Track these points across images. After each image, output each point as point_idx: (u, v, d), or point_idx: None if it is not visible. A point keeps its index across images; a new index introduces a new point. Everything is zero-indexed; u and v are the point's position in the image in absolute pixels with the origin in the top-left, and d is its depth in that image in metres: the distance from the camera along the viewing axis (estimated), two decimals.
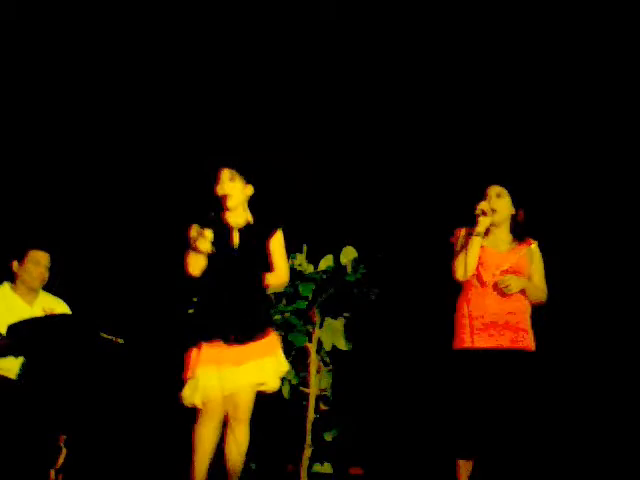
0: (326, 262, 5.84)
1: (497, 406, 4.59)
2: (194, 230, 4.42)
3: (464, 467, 4.67)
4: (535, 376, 4.71)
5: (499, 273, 4.75)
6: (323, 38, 6.35)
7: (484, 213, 4.74)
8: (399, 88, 6.42)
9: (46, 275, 5.35)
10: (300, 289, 5.71)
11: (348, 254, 5.83)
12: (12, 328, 4.88)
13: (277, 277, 4.62)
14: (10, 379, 4.99)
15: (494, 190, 4.81)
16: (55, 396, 4.88)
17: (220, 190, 4.51)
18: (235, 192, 4.53)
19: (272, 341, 4.56)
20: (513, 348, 4.70)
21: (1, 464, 4.74)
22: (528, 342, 4.75)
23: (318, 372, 5.84)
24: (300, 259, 5.78)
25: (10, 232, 5.89)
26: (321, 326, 5.81)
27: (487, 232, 4.80)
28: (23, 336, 4.91)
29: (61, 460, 4.94)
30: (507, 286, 4.69)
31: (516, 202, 4.83)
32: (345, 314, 5.84)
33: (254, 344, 4.46)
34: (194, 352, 4.45)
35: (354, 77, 6.46)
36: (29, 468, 4.81)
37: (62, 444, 4.95)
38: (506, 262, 4.77)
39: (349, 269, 5.80)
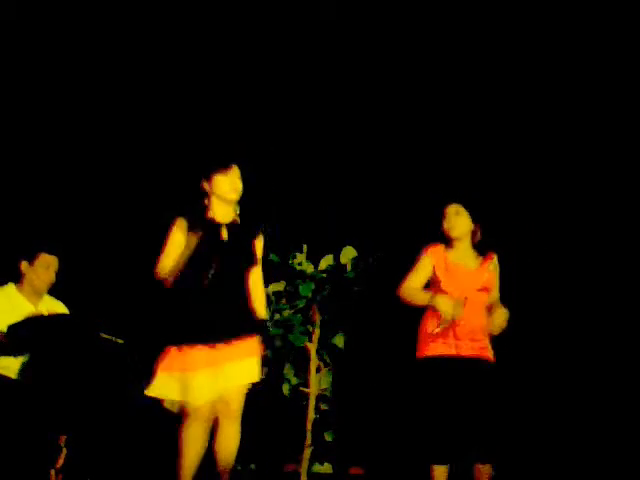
0: (326, 262, 5.84)
1: (464, 412, 4.65)
2: None
3: (439, 472, 4.69)
4: (497, 384, 4.78)
5: (471, 291, 4.82)
6: (323, 38, 6.37)
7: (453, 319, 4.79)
8: (399, 88, 6.44)
9: (54, 279, 5.33)
10: (300, 289, 5.71)
11: (348, 254, 5.83)
12: (12, 328, 4.88)
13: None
14: (10, 378, 4.99)
15: (452, 209, 4.91)
16: (55, 396, 4.88)
17: (237, 185, 4.47)
18: (240, 190, 4.52)
19: (256, 344, 4.45)
20: (476, 357, 4.76)
21: (1, 464, 4.73)
22: (489, 353, 4.83)
23: (318, 372, 5.84)
24: (300, 258, 5.78)
25: (11, 233, 5.90)
26: (321, 325, 5.81)
27: (451, 246, 4.91)
28: (23, 336, 4.91)
29: (61, 460, 4.94)
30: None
31: (474, 218, 4.92)
32: (345, 313, 5.84)
33: (242, 342, 4.35)
34: (172, 353, 4.32)
35: (354, 78, 6.47)
36: (29, 468, 4.81)
37: (62, 444, 4.95)
38: (478, 280, 4.86)
39: (349, 268, 5.80)
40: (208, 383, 4.28)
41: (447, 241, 4.92)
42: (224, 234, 4.47)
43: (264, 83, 6.42)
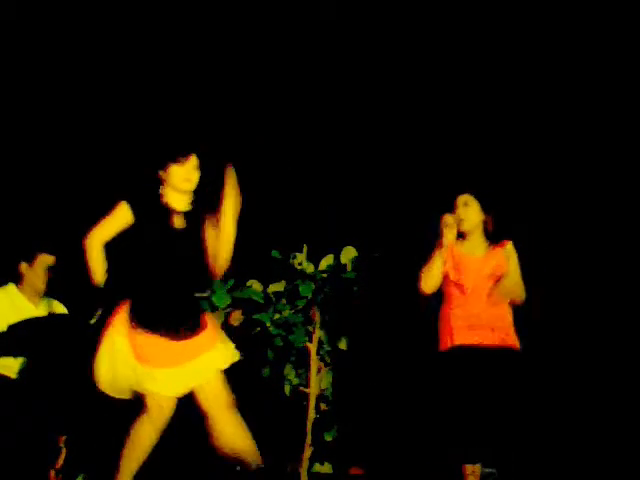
0: (326, 262, 5.84)
1: (488, 403, 4.61)
2: None
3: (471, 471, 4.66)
4: (522, 373, 4.74)
5: (480, 278, 4.80)
6: (323, 38, 6.37)
7: (448, 226, 4.79)
8: (399, 88, 6.44)
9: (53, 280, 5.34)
10: (300, 289, 5.71)
11: (348, 254, 5.83)
12: (12, 328, 4.88)
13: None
14: (10, 378, 4.99)
15: (461, 199, 4.88)
16: (55, 396, 4.88)
17: (191, 176, 4.34)
18: (195, 181, 4.39)
19: (213, 330, 4.34)
20: (499, 346, 4.73)
21: (1, 464, 4.73)
22: (513, 341, 4.79)
23: (318, 372, 5.84)
24: (300, 258, 5.78)
25: (11, 234, 5.90)
26: (321, 325, 5.81)
27: (463, 237, 4.87)
28: (23, 336, 4.92)
29: (61, 460, 4.94)
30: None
31: (485, 208, 4.88)
32: (345, 313, 5.84)
33: (196, 338, 4.25)
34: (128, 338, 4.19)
35: (353, 78, 6.47)
36: (29, 468, 4.81)
37: (62, 444, 4.96)
38: (485, 266, 4.82)
39: (349, 268, 5.80)
40: (168, 381, 4.16)
41: (459, 233, 4.87)
42: (177, 221, 4.35)
43: (264, 83, 6.42)
